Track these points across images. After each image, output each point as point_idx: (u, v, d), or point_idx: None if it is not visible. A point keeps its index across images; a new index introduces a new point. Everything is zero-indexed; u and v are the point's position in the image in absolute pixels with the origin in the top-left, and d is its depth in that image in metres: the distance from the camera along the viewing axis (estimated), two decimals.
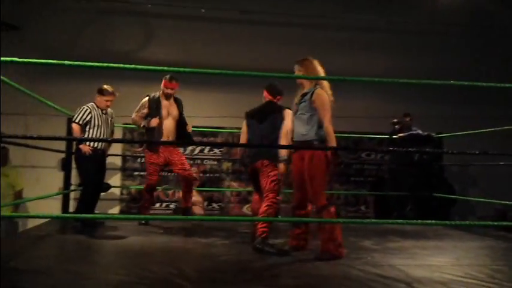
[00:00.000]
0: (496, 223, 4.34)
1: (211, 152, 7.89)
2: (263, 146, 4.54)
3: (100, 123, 5.45)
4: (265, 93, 4.75)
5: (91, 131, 5.41)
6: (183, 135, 5.59)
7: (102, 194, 5.98)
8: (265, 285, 3.14)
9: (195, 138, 7.71)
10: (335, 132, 4.01)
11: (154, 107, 5.51)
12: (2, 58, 2.88)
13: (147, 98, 5.58)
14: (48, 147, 5.96)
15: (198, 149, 7.85)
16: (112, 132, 5.74)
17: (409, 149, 6.14)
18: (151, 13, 8.22)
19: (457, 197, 7.59)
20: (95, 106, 5.49)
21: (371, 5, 8.57)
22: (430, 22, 8.49)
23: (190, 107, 7.82)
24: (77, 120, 5.38)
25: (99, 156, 5.48)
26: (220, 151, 7.90)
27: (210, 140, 7.94)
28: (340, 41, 8.56)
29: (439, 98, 8.24)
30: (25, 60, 3.12)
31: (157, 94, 5.58)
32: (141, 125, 5.57)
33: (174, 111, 5.64)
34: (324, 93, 4.10)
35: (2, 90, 6.63)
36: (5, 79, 3.83)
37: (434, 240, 5.12)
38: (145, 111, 5.52)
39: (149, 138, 5.60)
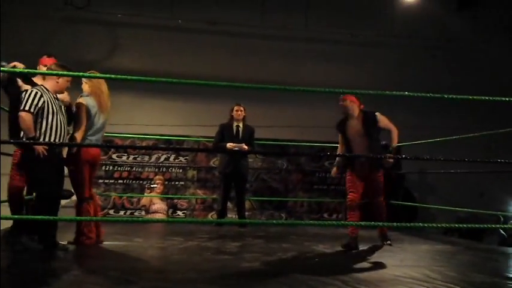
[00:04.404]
0: (437, 225, 4.48)
1: (177, 160, 7.94)
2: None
3: (56, 110, 4.15)
4: None
5: (47, 121, 4.09)
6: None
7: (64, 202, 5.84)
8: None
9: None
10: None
11: None
12: None
13: None
14: None
15: (164, 156, 7.89)
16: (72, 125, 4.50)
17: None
18: (116, 22, 8.30)
19: (415, 204, 7.80)
20: (44, 89, 4.14)
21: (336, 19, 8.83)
22: (390, 35, 8.77)
23: (158, 114, 8.05)
24: (26, 108, 3.98)
25: (57, 157, 4.27)
26: (185, 159, 7.96)
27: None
28: (304, 52, 8.78)
29: (400, 108, 8.43)
30: None
31: None
32: None
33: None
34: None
35: None
36: None
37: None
38: None
39: None
